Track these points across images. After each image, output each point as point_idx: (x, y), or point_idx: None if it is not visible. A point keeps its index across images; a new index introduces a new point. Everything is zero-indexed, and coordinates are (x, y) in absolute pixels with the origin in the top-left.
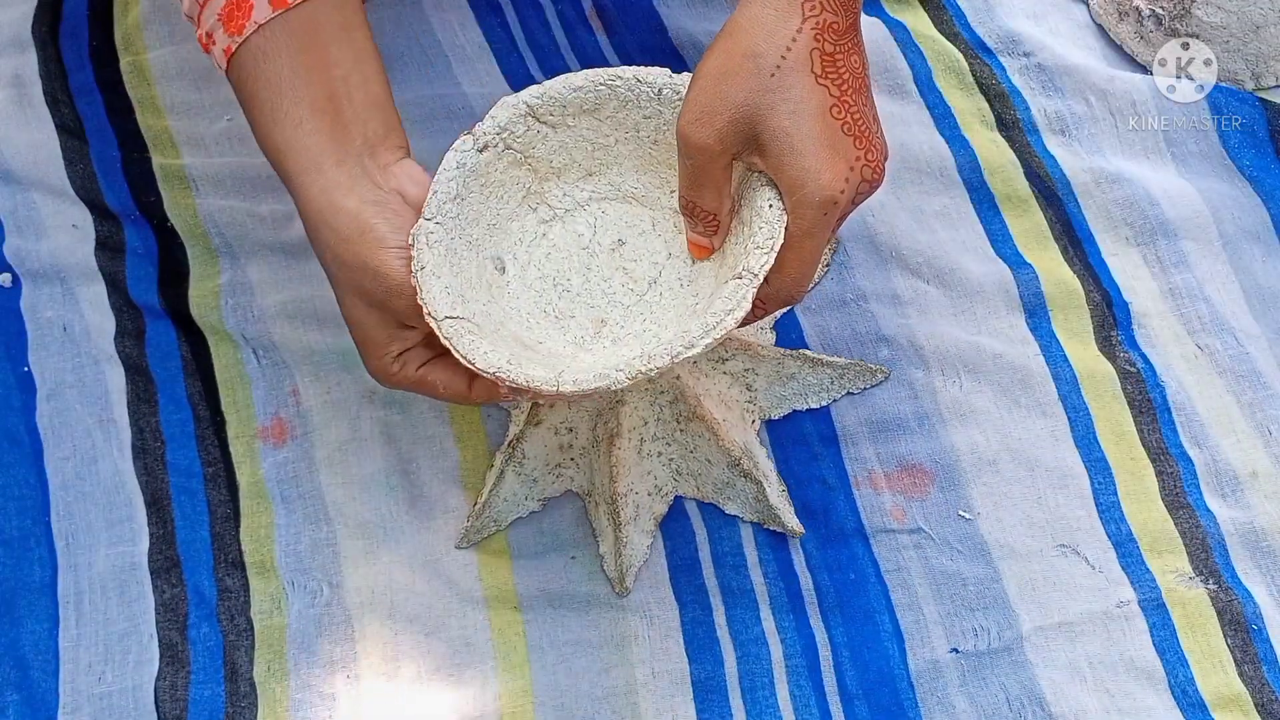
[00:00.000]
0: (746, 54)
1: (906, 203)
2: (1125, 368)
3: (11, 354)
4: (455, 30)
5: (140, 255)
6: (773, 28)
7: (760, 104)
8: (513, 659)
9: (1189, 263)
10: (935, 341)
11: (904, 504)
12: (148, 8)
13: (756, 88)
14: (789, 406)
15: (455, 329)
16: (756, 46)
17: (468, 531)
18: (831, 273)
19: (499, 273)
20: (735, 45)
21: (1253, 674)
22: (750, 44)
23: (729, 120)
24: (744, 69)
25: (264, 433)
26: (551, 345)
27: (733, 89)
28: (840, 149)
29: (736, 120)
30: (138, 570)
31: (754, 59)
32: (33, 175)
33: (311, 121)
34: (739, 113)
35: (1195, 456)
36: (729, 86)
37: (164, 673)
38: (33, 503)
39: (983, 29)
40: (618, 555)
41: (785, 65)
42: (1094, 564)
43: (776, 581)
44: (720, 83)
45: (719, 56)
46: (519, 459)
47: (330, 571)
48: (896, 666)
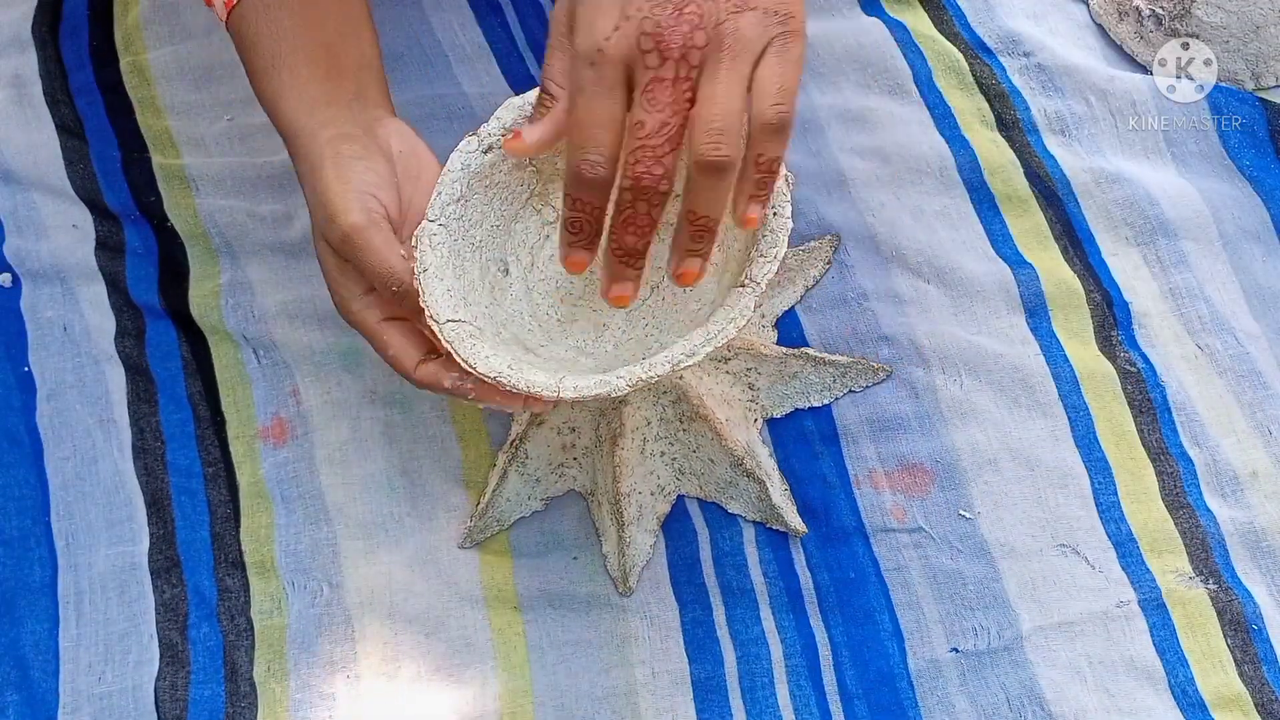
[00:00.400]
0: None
1: (907, 202)
2: (1125, 367)
3: (11, 354)
4: (455, 30)
5: (140, 255)
6: None
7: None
8: (513, 659)
9: (1189, 263)
10: (936, 341)
11: (904, 503)
12: (148, 8)
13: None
14: (791, 405)
15: (456, 333)
16: None
17: (471, 531)
18: (832, 272)
19: (502, 275)
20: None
21: (1253, 674)
22: None
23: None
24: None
25: (264, 433)
26: (553, 349)
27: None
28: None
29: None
30: (138, 570)
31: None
32: (33, 175)
33: (307, 69)
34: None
35: (1195, 456)
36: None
37: (164, 673)
38: (33, 503)
39: (983, 29)
40: (621, 555)
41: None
42: (1094, 564)
43: (776, 581)
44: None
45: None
46: (522, 459)
47: (330, 571)
48: (896, 666)
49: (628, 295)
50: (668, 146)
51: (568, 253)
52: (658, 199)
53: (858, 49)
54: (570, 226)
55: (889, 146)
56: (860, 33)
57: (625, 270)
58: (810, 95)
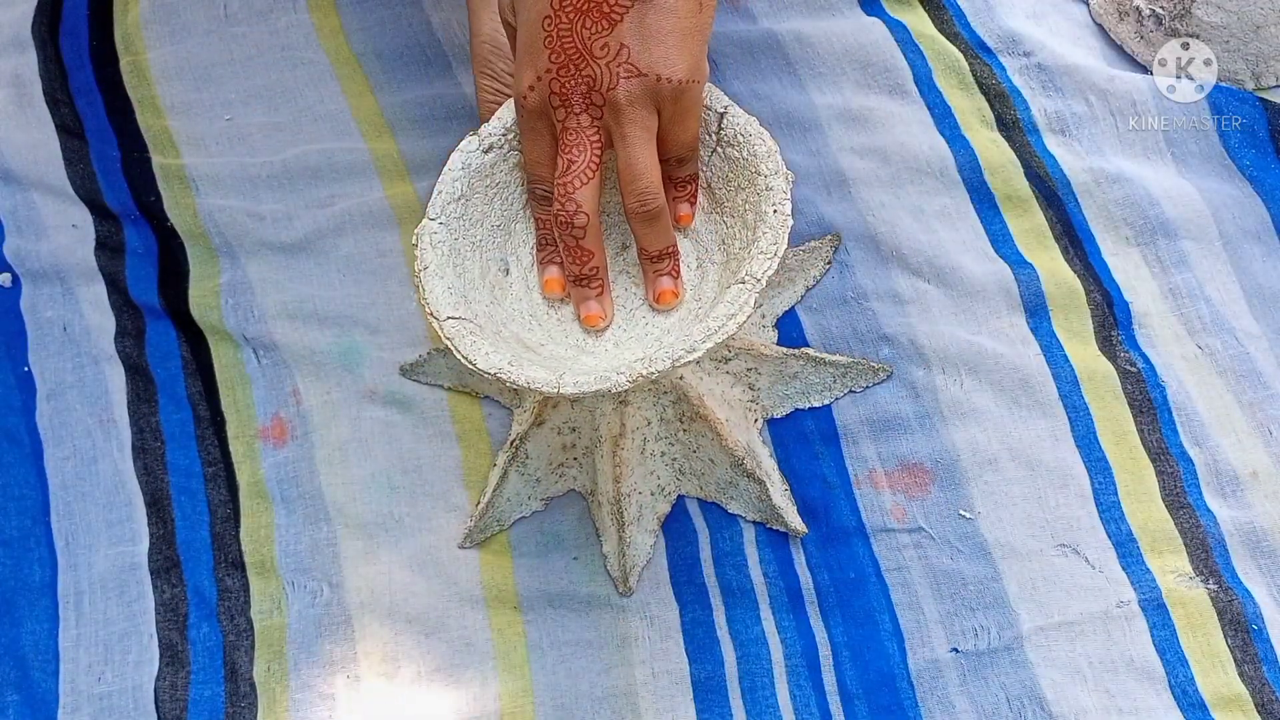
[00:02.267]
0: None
1: (907, 202)
2: (1125, 367)
3: (11, 354)
4: (455, 30)
5: (140, 255)
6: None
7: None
8: (513, 659)
9: (1189, 263)
10: (936, 341)
11: (904, 503)
12: (147, 8)
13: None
14: (791, 405)
15: (456, 329)
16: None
17: (471, 531)
18: (832, 271)
19: (503, 274)
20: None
21: (1253, 674)
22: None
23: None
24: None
25: (264, 433)
26: (553, 347)
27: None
28: (535, 58)
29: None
30: (138, 570)
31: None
32: (33, 175)
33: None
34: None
35: (1195, 456)
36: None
37: (164, 673)
38: (33, 503)
39: (983, 29)
40: (621, 555)
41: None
42: (1094, 564)
43: (776, 581)
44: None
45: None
46: (522, 458)
47: (330, 571)
48: (896, 666)
49: (595, 315)
50: (577, 183)
51: (543, 271)
52: (579, 231)
53: (858, 49)
54: (539, 242)
55: (889, 146)
56: (860, 32)
57: (585, 292)
58: (810, 95)
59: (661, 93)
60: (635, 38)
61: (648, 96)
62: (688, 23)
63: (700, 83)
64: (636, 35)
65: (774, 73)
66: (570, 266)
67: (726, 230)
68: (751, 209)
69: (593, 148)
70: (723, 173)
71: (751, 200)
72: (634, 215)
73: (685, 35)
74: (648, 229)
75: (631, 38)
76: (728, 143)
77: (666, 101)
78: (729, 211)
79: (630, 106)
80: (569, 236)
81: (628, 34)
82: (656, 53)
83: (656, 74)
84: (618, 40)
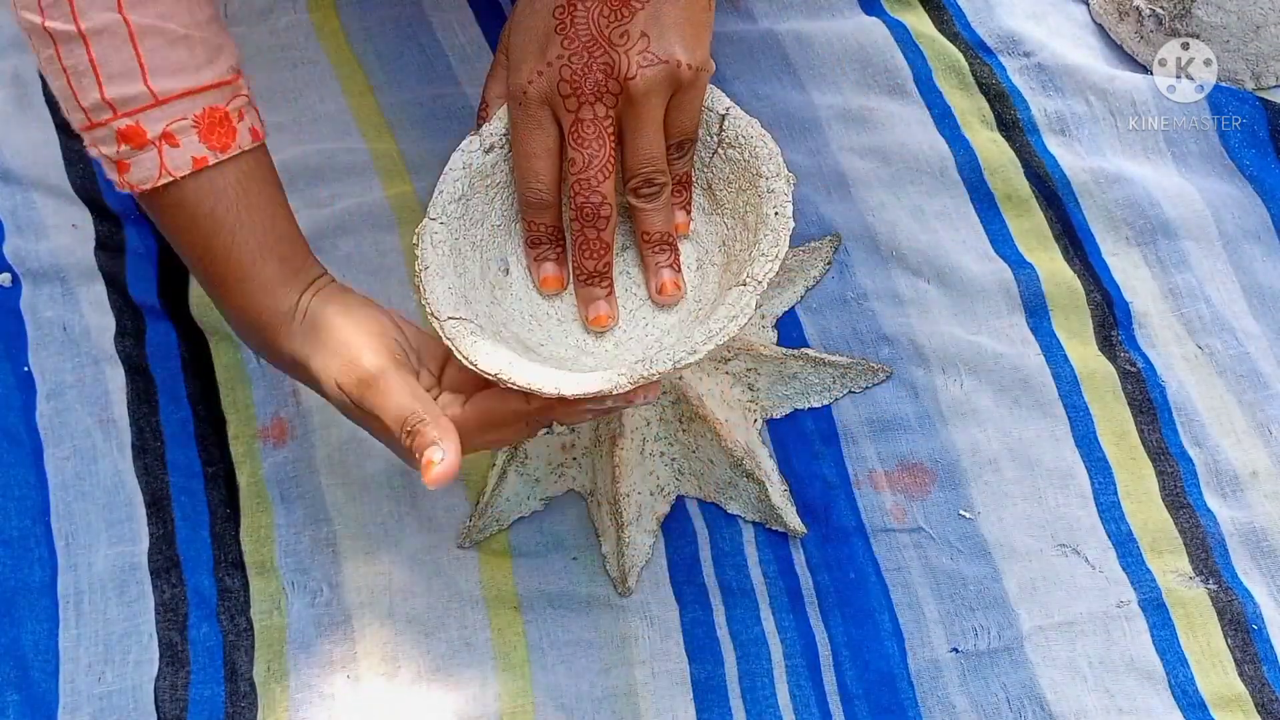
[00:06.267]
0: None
1: (907, 202)
2: (1125, 367)
3: (11, 354)
4: (455, 30)
5: (140, 255)
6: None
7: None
8: (512, 659)
9: (1189, 263)
10: (936, 341)
11: (904, 503)
12: None
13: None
14: (791, 406)
15: (457, 329)
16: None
17: (469, 530)
18: (832, 272)
19: (503, 275)
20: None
21: (1253, 674)
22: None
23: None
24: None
25: (264, 433)
26: (553, 348)
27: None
28: (544, 47)
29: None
30: (138, 570)
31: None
32: (33, 175)
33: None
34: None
35: (1195, 456)
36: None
37: (164, 673)
38: (33, 503)
39: (983, 29)
40: (620, 555)
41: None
42: (1094, 564)
43: (776, 581)
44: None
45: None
46: (521, 458)
47: (330, 571)
48: (896, 666)
49: (604, 315)
50: (600, 176)
51: (538, 270)
52: (603, 223)
53: (858, 49)
54: (530, 242)
55: (889, 146)
56: (860, 32)
57: (593, 291)
58: (810, 95)
59: (681, 78)
60: (653, 26)
61: (666, 83)
62: (700, 16)
63: (709, 73)
64: (654, 24)
65: (774, 73)
66: (585, 262)
67: (727, 232)
68: (752, 211)
69: (610, 141)
70: (724, 174)
71: (752, 202)
72: (639, 192)
73: (698, 26)
74: (651, 206)
75: (650, 26)
76: (729, 144)
77: (680, 87)
78: (730, 213)
79: (648, 94)
80: (591, 229)
81: (646, 22)
82: (674, 41)
83: (677, 60)
84: (637, 28)
